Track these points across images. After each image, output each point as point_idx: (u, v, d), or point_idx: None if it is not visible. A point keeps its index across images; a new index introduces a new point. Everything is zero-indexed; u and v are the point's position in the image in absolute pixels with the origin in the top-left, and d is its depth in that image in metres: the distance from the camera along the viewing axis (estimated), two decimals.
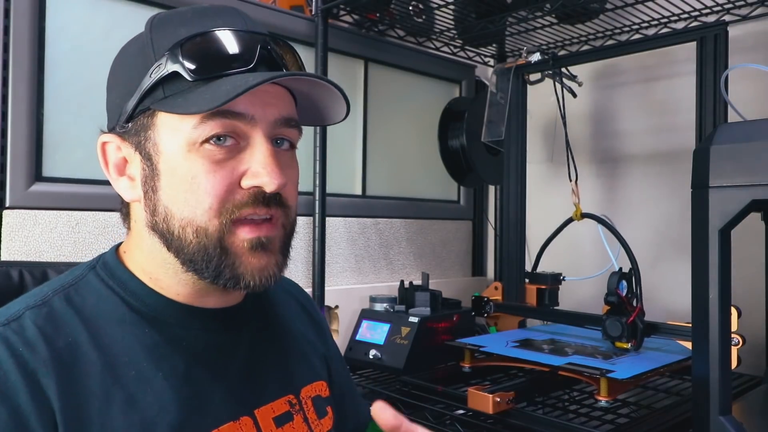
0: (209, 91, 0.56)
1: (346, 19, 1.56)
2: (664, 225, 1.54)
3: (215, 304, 0.65)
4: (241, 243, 0.59)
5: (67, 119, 1.15)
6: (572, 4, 1.40)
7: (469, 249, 1.95)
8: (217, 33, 0.59)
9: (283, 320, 0.75)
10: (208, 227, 0.58)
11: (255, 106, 0.58)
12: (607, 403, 0.98)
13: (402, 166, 1.77)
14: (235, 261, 0.59)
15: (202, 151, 0.57)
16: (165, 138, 0.58)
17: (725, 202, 0.71)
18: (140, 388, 0.57)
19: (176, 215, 0.58)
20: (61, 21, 1.14)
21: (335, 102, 0.65)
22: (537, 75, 1.48)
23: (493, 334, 1.38)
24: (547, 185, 1.75)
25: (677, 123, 1.52)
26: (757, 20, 1.36)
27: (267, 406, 0.66)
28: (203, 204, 0.57)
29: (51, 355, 0.54)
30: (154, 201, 0.60)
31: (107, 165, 0.63)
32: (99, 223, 1.17)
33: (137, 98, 0.59)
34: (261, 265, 0.59)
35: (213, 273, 0.59)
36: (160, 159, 0.59)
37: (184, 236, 0.58)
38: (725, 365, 0.72)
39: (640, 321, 1.14)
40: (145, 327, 0.60)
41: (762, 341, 1.10)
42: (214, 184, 0.57)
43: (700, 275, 0.73)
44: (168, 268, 0.62)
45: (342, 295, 1.54)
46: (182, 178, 0.58)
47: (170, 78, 0.57)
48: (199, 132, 0.57)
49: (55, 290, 0.60)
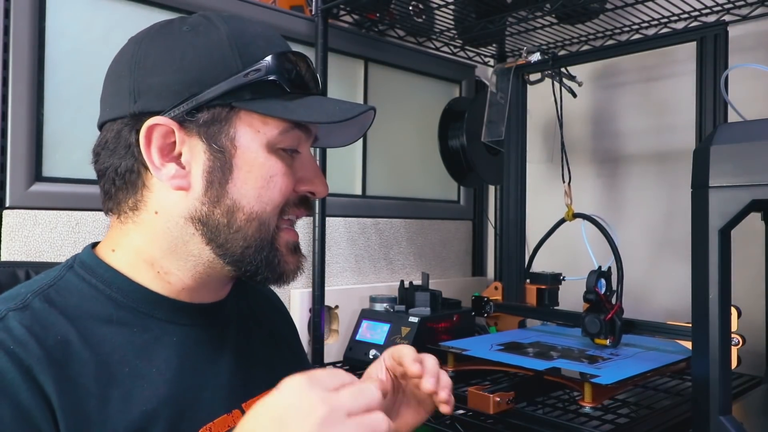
0: (312, 104, 0.63)
1: (346, 19, 1.56)
2: (664, 225, 1.54)
3: (205, 298, 0.67)
4: (285, 244, 0.66)
5: (67, 119, 1.15)
6: (572, 4, 1.40)
7: (469, 249, 1.95)
8: (299, 54, 0.65)
9: (260, 315, 0.79)
10: (270, 223, 0.63)
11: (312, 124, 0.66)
12: (591, 409, 0.95)
13: (402, 166, 1.77)
14: (281, 259, 0.65)
15: (279, 154, 0.63)
16: (245, 135, 0.62)
17: (725, 202, 0.71)
18: (136, 384, 0.58)
19: (245, 208, 0.62)
20: (61, 21, 1.14)
21: (352, 136, 0.73)
22: (537, 75, 1.48)
23: (479, 337, 1.35)
24: (547, 185, 1.75)
25: (677, 123, 1.52)
26: (757, 20, 1.36)
27: (254, 399, 0.67)
28: (275, 201, 0.63)
29: (44, 353, 0.54)
30: (218, 193, 0.61)
31: (150, 147, 0.60)
32: (99, 223, 1.17)
33: (218, 92, 0.60)
34: (297, 265, 0.68)
35: (260, 267, 0.63)
36: (237, 153, 0.62)
37: (246, 229, 0.62)
38: (725, 365, 0.72)
39: (618, 318, 1.16)
40: (134, 325, 0.61)
41: (762, 341, 1.10)
42: (286, 185, 0.64)
43: (700, 275, 0.73)
44: (188, 261, 0.63)
45: (342, 295, 1.54)
46: (260, 175, 0.62)
47: (261, 83, 0.61)
48: (282, 138, 0.63)
49: (33, 291, 0.59)
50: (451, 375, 1.17)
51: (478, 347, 1.18)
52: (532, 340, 1.26)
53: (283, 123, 0.62)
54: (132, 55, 0.63)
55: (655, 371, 1.06)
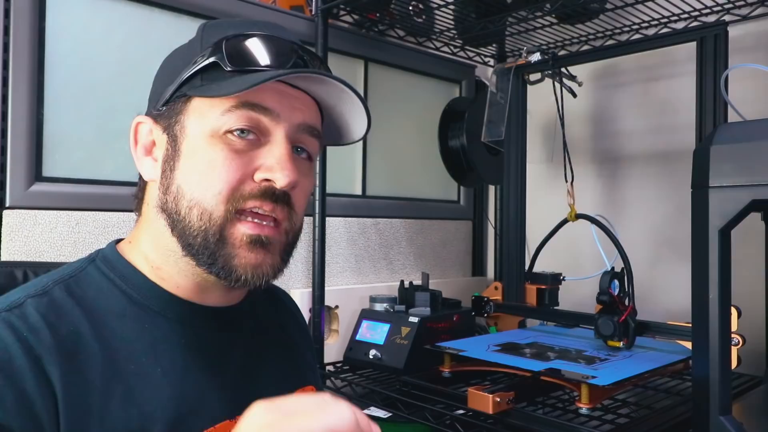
0: (241, 79, 0.59)
1: (346, 19, 1.56)
2: (665, 225, 1.54)
3: (215, 302, 0.66)
4: (240, 236, 0.60)
5: (67, 119, 1.15)
6: (572, 4, 1.40)
7: (469, 249, 1.95)
8: (260, 35, 0.62)
9: (277, 325, 0.77)
10: (213, 212, 0.60)
11: (282, 105, 0.61)
12: (588, 411, 0.94)
13: (402, 166, 1.77)
14: (231, 252, 0.60)
15: (224, 139, 0.60)
16: (193, 122, 0.62)
17: (725, 202, 0.71)
18: (139, 383, 0.58)
19: (186, 195, 0.60)
20: (61, 21, 1.14)
21: (357, 116, 0.67)
22: (537, 75, 1.48)
23: (476, 337, 1.34)
24: (547, 185, 1.75)
25: (677, 123, 1.52)
26: (757, 20, 1.36)
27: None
28: (214, 188, 0.59)
29: (55, 343, 0.54)
30: (169, 179, 0.62)
31: (136, 144, 0.66)
32: (99, 223, 1.17)
33: (177, 84, 0.62)
34: (256, 261, 0.61)
35: (208, 260, 0.60)
36: (183, 141, 0.62)
37: (189, 217, 0.60)
38: (725, 365, 0.72)
39: (631, 320, 1.15)
40: (145, 322, 0.61)
41: (762, 341, 1.10)
42: (229, 170, 0.60)
43: (700, 275, 0.73)
44: (170, 256, 0.63)
45: (342, 295, 1.54)
46: (201, 160, 0.60)
47: (209, 68, 0.61)
48: (224, 120, 0.60)
49: (54, 281, 0.60)
50: (448, 376, 1.17)
51: (474, 348, 1.17)
52: (529, 341, 1.26)
53: (225, 103, 0.60)
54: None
55: (653, 372, 1.06)
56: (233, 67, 0.60)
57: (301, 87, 0.64)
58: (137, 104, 1.30)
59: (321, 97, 0.66)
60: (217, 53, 0.61)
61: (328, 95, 0.65)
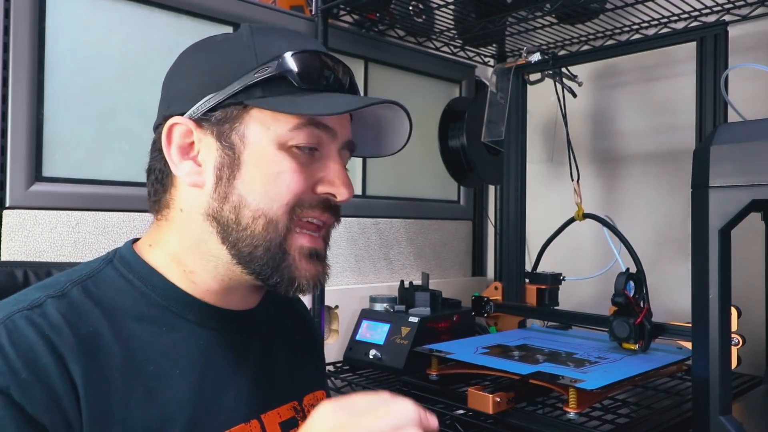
0: (321, 100, 0.61)
1: (346, 19, 1.56)
2: (665, 225, 1.54)
3: (234, 305, 0.67)
4: (299, 249, 0.63)
5: (67, 119, 1.14)
6: (572, 4, 1.40)
7: (469, 249, 1.95)
8: (323, 54, 0.64)
9: (289, 330, 0.78)
10: (279, 222, 0.61)
11: (338, 124, 0.64)
12: (576, 415, 0.93)
13: (402, 166, 1.77)
14: (293, 264, 0.63)
15: (291, 151, 0.62)
16: (255, 132, 0.62)
17: (725, 202, 0.71)
18: (159, 384, 0.58)
19: (251, 205, 0.61)
20: (61, 21, 1.14)
21: (398, 130, 0.69)
22: (537, 75, 1.48)
23: (466, 339, 1.30)
24: (547, 185, 1.75)
25: (677, 123, 1.52)
26: (757, 20, 1.36)
27: (274, 411, 0.67)
28: (282, 199, 0.61)
29: (76, 342, 0.55)
30: (227, 189, 0.62)
31: (170, 146, 0.64)
32: (99, 223, 1.17)
33: (231, 92, 0.61)
34: (315, 272, 0.64)
35: (269, 270, 0.62)
36: (245, 150, 0.62)
37: (253, 227, 0.61)
38: (725, 365, 0.72)
39: (647, 322, 1.13)
40: (163, 324, 0.61)
41: (762, 341, 1.10)
42: (298, 182, 0.62)
43: (700, 275, 0.73)
44: (210, 261, 0.63)
45: (342, 295, 1.54)
46: (267, 171, 0.61)
47: (273, 81, 0.61)
48: (293, 135, 0.61)
49: (72, 281, 0.60)
50: (435, 379, 1.15)
51: (463, 350, 1.15)
52: (519, 343, 1.23)
53: (294, 119, 0.61)
54: (174, 66, 0.67)
55: (644, 375, 1.04)
56: (304, 86, 0.62)
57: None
58: (137, 104, 1.30)
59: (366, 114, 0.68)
60: (284, 67, 0.61)
61: (377, 112, 0.67)
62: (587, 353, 1.14)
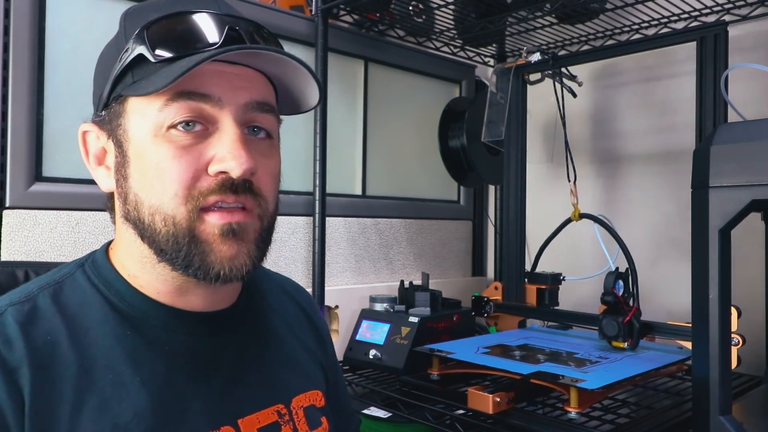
0: (169, 69, 0.54)
1: (346, 19, 1.56)
2: (665, 225, 1.54)
3: (201, 305, 0.63)
4: (212, 230, 0.56)
5: (67, 119, 1.14)
6: (572, 4, 1.40)
7: (469, 249, 1.95)
8: (183, 15, 0.57)
9: (279, 325, 0.73)
10: (176, 215, 0.56)
11: (223, 88, 0.56)
12: (577, 415, 0.93)
13: (402, 166, 1.77)
14: (205, 249, 0.56)
15: (168, 136, 0.56)
16: (134, 124, 0.57)
17: (725, 202, 0.71)
18: (116, 393, 0.55)
19: (145, 202, 0.57)
20: (61, 21, 1.14)
21: (308, 85, 0.62)
22: (537, 75, 1.48)
23: (467, 339, 1.31)
24: (547, 185, 1.75)
25: (677, 123, 1.52)
26: (757, 20, 1.36)
27: (252, 416, 0.63)
28: (169, 191, 0.55)
29: (29, 354, 0.53)
30: (125, 189, 0.59)
31: (87, 155, 0.62)
32: (99, 223, 1.17)
33: (110, 85, 0.58)
34: (232, 253, 0.57)
35: (183, 263, 0.57)
36: (129, 145, 0.58)
37: (153, 224, 0.57)
38: (725, 365, 0.72)
39: (636, 320, 1.14)
40: (127, 329, 0.59)
41: (762, 341, 1.10)
42: (179, 170, 0.55)
43: (700, 275, 0.73)
44: (145, 263, 0.60)
45: (342, 295, 1.54)
46: (149, 164, 0.56)
47: (137, 62, 0.56)
48: (164, 115, 0.55)
49: (41, 287, 0.59)
50: (435, 378, 1.15)
51: (464, 350, 1.15)
52: (520, 343, 1.23)
53: (160, 97, 0.55)
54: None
55: (644, 375, 1.04)
56: (160, 58, 0.55)
57: (243, 62, 0.58)
58: None
59: (265, 69, 0.60)
60: (140, 44, 0.55)
61: (275, 66, 0.60)
62: (588, 353, 1.14)
